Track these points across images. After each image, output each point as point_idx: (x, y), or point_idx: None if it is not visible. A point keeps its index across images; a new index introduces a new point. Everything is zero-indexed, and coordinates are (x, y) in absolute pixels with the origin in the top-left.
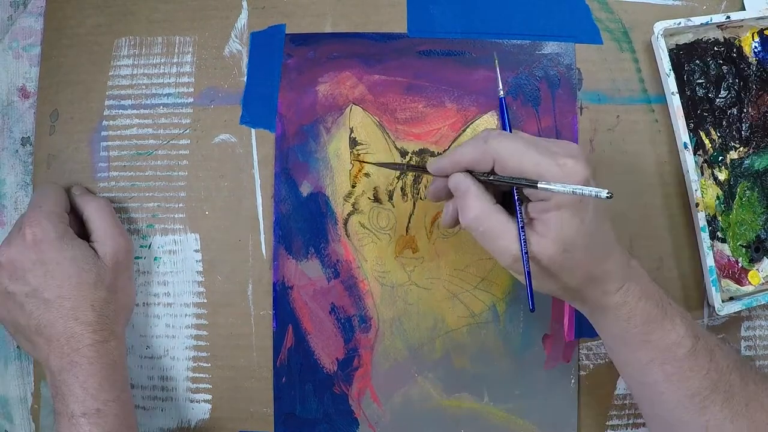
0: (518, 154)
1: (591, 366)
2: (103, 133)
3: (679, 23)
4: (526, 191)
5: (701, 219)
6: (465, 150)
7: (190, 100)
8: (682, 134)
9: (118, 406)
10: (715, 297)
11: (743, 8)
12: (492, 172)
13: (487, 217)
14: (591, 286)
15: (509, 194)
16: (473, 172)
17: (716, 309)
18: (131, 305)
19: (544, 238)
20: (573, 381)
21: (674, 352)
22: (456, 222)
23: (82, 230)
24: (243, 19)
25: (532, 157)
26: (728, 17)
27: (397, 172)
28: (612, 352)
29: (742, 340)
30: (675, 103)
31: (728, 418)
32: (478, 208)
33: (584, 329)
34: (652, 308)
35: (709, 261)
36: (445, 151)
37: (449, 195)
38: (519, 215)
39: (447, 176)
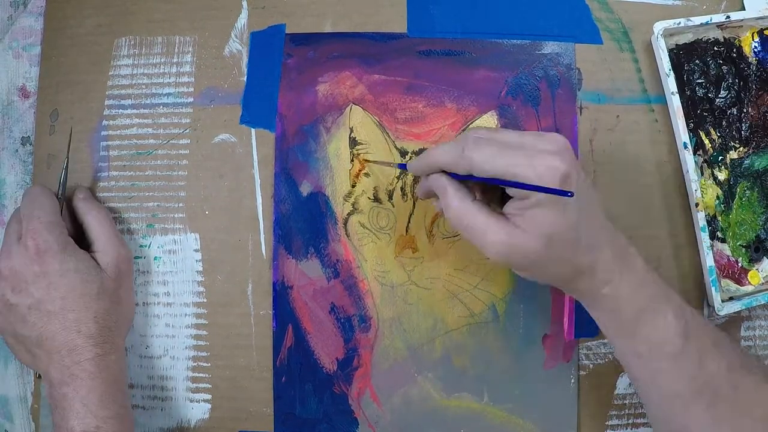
0: (492, 158)
1: (591, 366)
2: (103, 133)
3: (679, 23)
4: (508, 190)
5: (701, 219)
6: (440, 154)
7: (190, 99)
8: (682, 134)
9: (117, 422)
10: (715, 297)
11: (743, 8)
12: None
13: (466, 214)
14: (580, 277)
15: (492, 188)
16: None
17: (716, 309)
18: (131, 316)
19: (527, 233)
20: (573, 381)
21: (661, 350)
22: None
23: (76, 236)
24: (243, 18)
25: (505, 160)
26: (728, 17)
27: (398, 172)
28: (606, 333)
29: (742, 340)
30: (675, 103)
31: (710, 423)
32: (456, 206)
33: (584, 329)
34: (643, 301)
35: (708, 261)
36: None
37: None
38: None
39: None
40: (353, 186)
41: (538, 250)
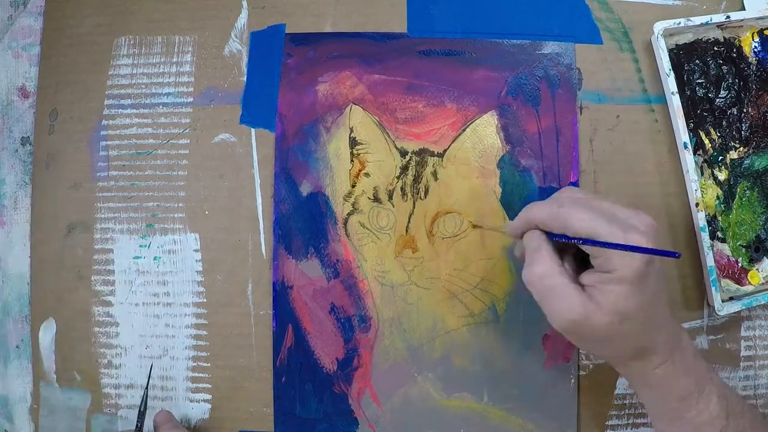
0: (588, 223)
1: (591, 366)
2: (103, 133)
3: (679, 23)
4: (594, 261)
5: (701, 219)
6: (537, 210)
7: (190, 99)
8: (682, 134)
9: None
10: (715, 297)
11: (743, 8)
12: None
13: (552, 275)
14: (638, 357)
15: (573, 266)
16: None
17: (716, 309)
18: None
19: (602, 308)
20: (573, 381)
21: (704, 431)
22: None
23: None
24: (243, 18)
25: (602, 229)
26: (728, 17)
27: (397, 173)
28: (651, 417)
29: (742, 340)
30: (675, 103)
31: None
32: (545, 265)
33: None
34: (690, 385)
35: (709, 261)
36: (445, 151)
37: None
38: None
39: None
40: (353, 186)
41: (608, 327)
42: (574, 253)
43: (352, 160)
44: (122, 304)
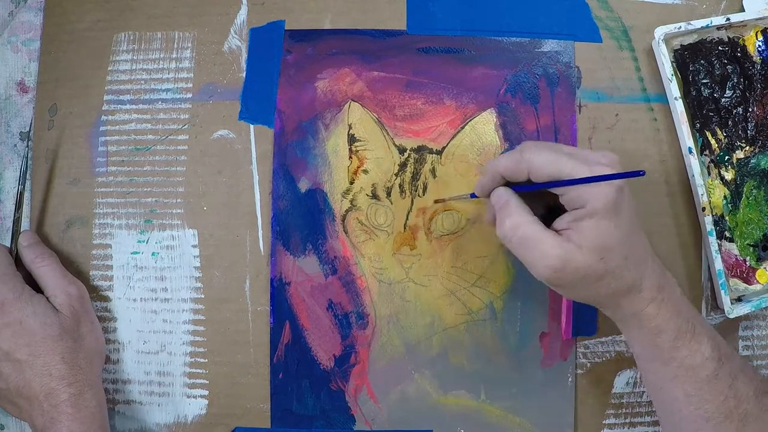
0: (552, 162)
1: (588, 364)
2: (102, 128)
3: (680, 27)
4: (563, 199)
5: (708, 223)
6: (500, 160)
7: (189, 95)
8: (687, 140)
9: None
10: (725, 300)
11: (743, 8)
12: (529, 181)
13: (523, 225)
14: (627, 295)
15: (548, 212)
16: (512, 185)
17: (726, 312)
18: (101, 349)
19: (581, 247)
20: (570, 379)
21: (697, 373)
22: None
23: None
24: (242, 15)
25: (565, 164)
26: (728, 19)
27: (396, 169)
28: (639, 361)
29: (740, 340)
30: (678, 108)
31: None
32: (515, 217)
33: (582, 327)
34: (682, 324)
35: (717, 264)
36: (443, 149)
37: None
38: None
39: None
40: (351, 183)
41: (591, 264)
42: (545, 205)
43: (350, 157)
44: (120, 300)
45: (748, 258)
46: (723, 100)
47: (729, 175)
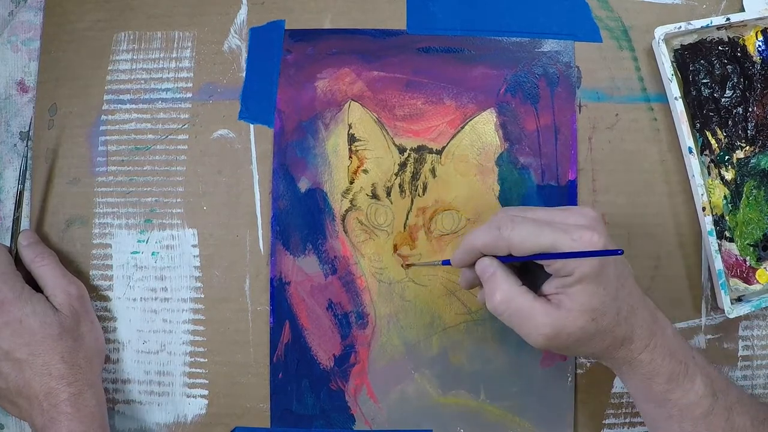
0: (532, 237)
1: (588, 364)
2: (102, 128)
3: (680, 27)
4: (549, 269)
5: (708, 223)
6: (477, 237)
7: (189, 95)
8: (687, 139)
9: None
10: (725, 300)
11: (743, 8)
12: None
13: (514, 299)
14: (620, 347)
15: (531, 275)
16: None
17: (726, 312)
18: (101, 348)
19: (572, 312)
20: (570, 379)
21: (692, 412)
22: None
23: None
24: (242, 14)
25: (546, 238)
26: (728, 19)
27: (396, 169)
28: (635, 401)
29: (740, 340)
30: (678, 108)
31: None
32: (504, 291)
33: None
34: (675, 366)
35: (717, 264)
36: (443, 148)
37: (478, 281)
38: None
39: (471, 266)
40: (351, 182)
41: (583, 327)
42: (529, 265)
43: (350, 157)
44: (120, 299)
45: (748, 258)
46: (723, 99)
47: (729, 175)
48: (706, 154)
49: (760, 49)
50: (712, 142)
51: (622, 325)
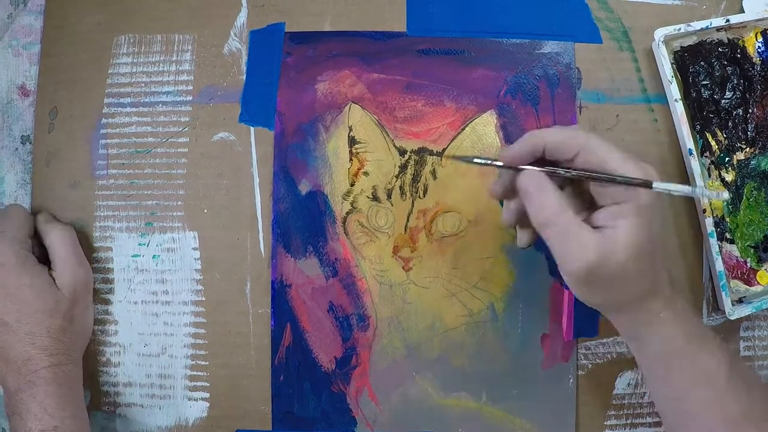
0: (606, 149)
1: (589, 365)
2: (102, 131)
3: (680, 29)
4: (602, 196)
5: (709, 224)
6: (548, 131)
7: (189, 98)
8: (687, 141)
9: (75, 423)
10: (726, 301)
11: (742, 9)
12: (568, 166)
13: (564, 214)
14: (646, 298)
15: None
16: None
17: (727, 313)
18: (88, 333)
19: (618, 244)
20: (571, 381)
21: (714, 377)
22: (516, 221)
23: (45, 256)
24: (242, 17)
25: (617, 154)
26: (728, 20)
27: (396, 171)
28: (649, 374)
29: (741, 341)
30: (678, 109)
31: None
32: (555, 205)
33: (583, 329)
34: (695, 329)
35: (718, 266)
36: (444, 149)
37: (515, 193)
38: None
39: (517, 170)
40: (352, 185)
41: (624, 264)
42: (573, 192)
43: (351, 159)
44: (121, 302)
45: (748, 259)
46: (723, 101)
47: (729, 177)
48: (706, 156)
49: (759, 50)
50: (713, 143)
51: (653, 274)
